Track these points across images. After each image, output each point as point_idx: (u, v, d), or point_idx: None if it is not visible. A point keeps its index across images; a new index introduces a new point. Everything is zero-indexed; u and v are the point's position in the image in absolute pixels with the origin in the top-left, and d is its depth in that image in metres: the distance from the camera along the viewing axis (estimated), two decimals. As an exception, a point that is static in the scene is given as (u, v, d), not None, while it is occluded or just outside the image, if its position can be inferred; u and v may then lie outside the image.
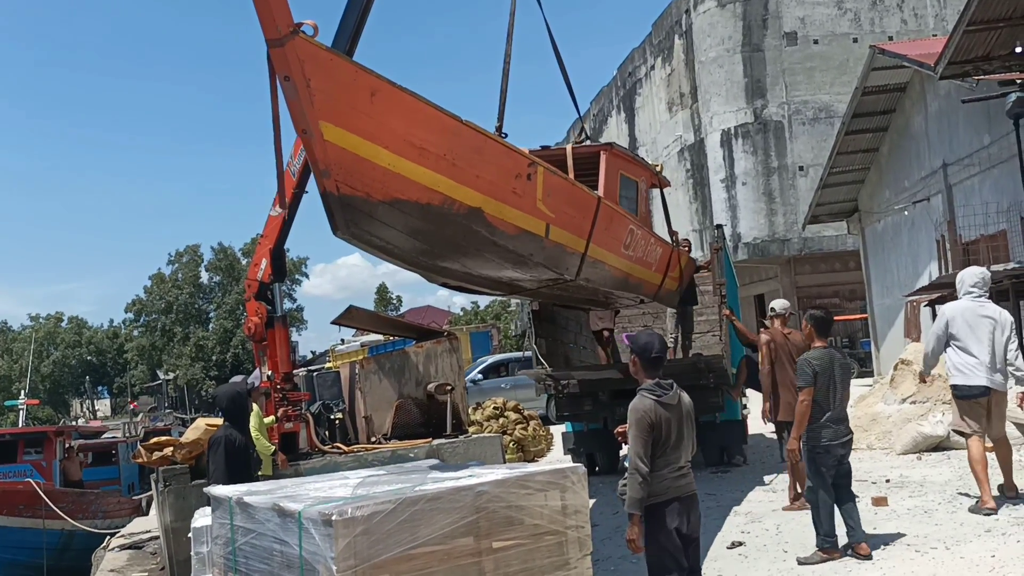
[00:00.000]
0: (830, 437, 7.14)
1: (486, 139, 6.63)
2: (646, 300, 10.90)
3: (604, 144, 9.74)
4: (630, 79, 42.55)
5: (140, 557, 10.74)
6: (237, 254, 75.19)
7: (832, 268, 33.30)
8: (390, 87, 5.70)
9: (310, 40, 5.17)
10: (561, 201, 7.47)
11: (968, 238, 20.04)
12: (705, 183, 34.73)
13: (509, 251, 6.96)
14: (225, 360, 72.48)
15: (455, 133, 6.23)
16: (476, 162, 6.39)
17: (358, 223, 5.75)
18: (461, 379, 11.50)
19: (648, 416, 5.12)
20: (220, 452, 6.84)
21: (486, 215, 6.48)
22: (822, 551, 7.11)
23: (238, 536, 4.88)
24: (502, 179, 6.69)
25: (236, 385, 8.15)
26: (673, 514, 5.17)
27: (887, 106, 23.26)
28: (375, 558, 4.17)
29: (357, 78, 5.50)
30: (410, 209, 5.95)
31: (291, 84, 5.14)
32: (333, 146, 5.37)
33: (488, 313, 65.92)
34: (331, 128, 5.32)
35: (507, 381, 22.73)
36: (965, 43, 15.26)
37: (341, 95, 5.36)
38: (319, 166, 5.42)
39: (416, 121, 5.89)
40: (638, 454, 5.08)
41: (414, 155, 5.84)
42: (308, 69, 5.14)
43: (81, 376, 79.56)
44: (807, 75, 32.66)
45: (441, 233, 6.37)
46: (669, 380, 5.28)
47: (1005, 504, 8.10)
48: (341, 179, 5.48)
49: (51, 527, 16.94)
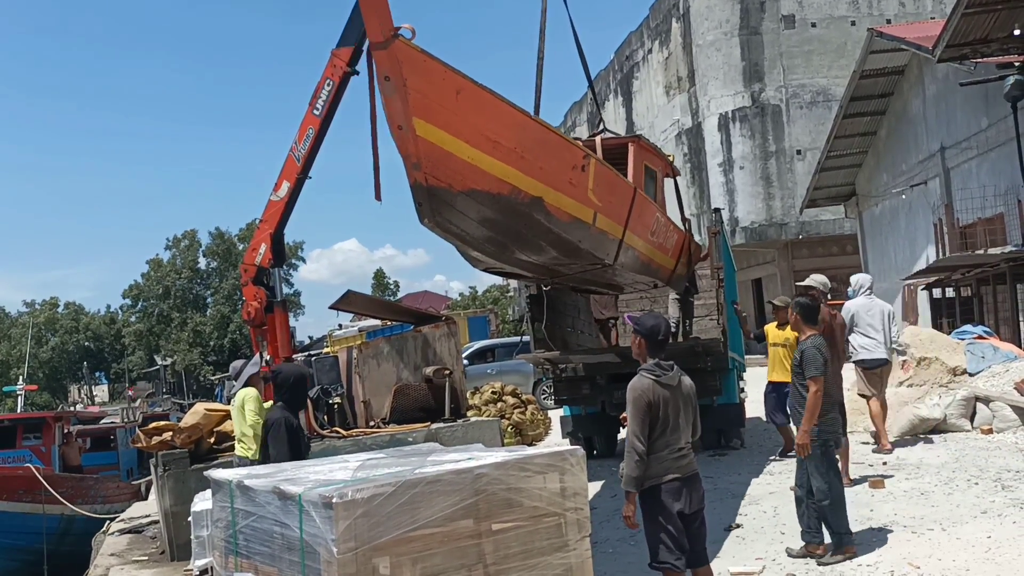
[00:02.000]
0: (838, 427, 7.01)
1: (549, 133, 7.12)
2: (659, 285, 11.18)
3: (632, 136, 10.36)
4: (627, 63, 42.44)
5: (140, 541, 10.78)
6: (234, 239, 75.08)
7: (830, 252, 33.31)
8: (472, 85, 6.12)
9: (408, 43, 5.56)
10: (606, 191, 7.87)
11: (965, 221, 20.07)
12: (702, 167, 34.70)
13: (561, 237, 7.33)
14: (223, 345, 72.52)
15: (524, 127, 6.67)
16: (540, 154, 6.80)
17: (441, 212, 6.17)
18: (459, 363, 11.51)
19: (646, 395, 5.19)
20: (282, 434, 6.70)
21: (546, 204, 6.85)
22: (843, 549, 6.73)
23: (239, 519, 4.89)
24: (561, 170, 7.08)
25: (300, 367, 8.07)
26: (674, 494, 5.21)
27: (885, 89, 23.24)
28: (375, 540, 4.18)
29: (446, 78, 5.89)
30: (483, 199, 6.35)
31: (391, 84, 5.56)
32: (424, 141, 5.75)
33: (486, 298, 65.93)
34: (423, 124, 5.71)
35: (494, 367, 22.64)
36: (963, 26, 15.23)
37: (432, 94, 5.77)
38: (411, 159, 5.80)
39: (493, 117, 6.32)
40: (635, 433, 5.16)
41: (489, 148, 6.24)
42: (406, 70, 5.55)
43: (79, 362, 79.57)
44: (805, 58, 32.59)
45: (506, 221, 6.77)
46: (670, 361, 5.32)
47: (877, 450, 10.72)
48: (429, 171, 5.87)
49: (51, 512, 17.00)
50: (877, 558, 6.62)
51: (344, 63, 9.79)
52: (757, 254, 34.85)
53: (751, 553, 7.15)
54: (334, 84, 9.83)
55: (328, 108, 9.84)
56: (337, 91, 9.86)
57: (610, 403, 11.56)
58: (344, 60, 9.80)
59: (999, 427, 11.30)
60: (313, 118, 9.89)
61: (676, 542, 5.23)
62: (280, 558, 4.55)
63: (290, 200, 9.87)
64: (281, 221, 9.87)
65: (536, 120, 6.98)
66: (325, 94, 9.83)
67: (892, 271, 24.33)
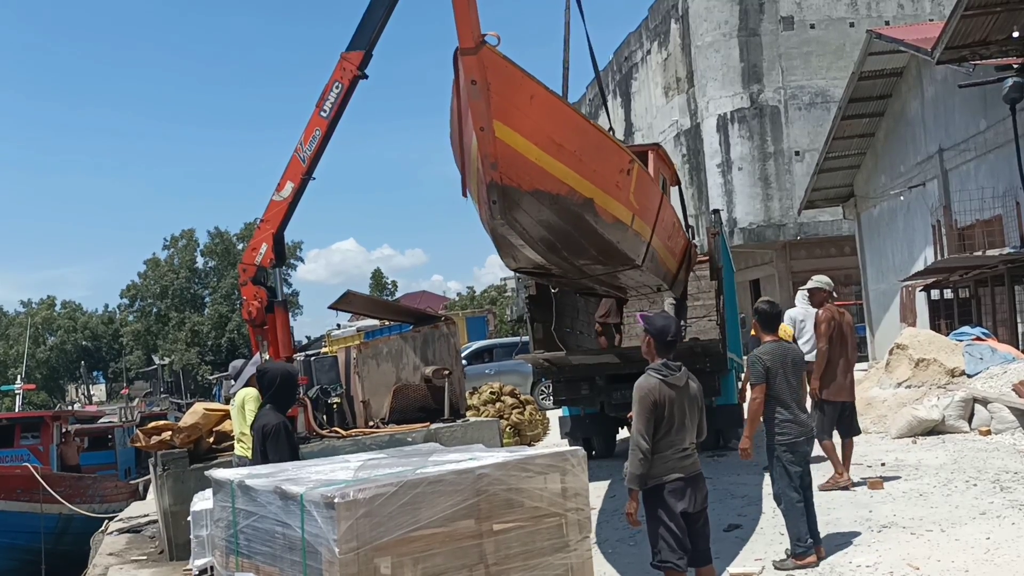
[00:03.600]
0: (795, 434, 6.86)
1: (604, 137, 7.47)
2: (662, 287, 11.33)
3: (652, 144, 11.16)
4: (626, 63, 42.44)
5: (139, 541, 10.77)
6: (233, 239, 75.02)
7: (828, 253, 33.32)
8: (544, 91, 6.44)
9: (493, 50, 5.82)
10: (643, 195, 8.23)
11: (963, 223, 20.09)
12: (701, 168, 34.71)
13: (603, 238, 7.67)
14: (221, 345, 72.47)
15: (584, 132, 7.05)
16: (595, 158, 7.15)
17: (511, 211, 6.50)
18: (458, 364, 11.53)
19: (652, 395, 5.24)
20: (283, 440, 6.64)
21: (596, 205, 7.15)
22: (796, 557, 6.73)
23: (240, 519, 4.90)
24: (611, 173, 7.43)
25: (287, 366, 8.01)
26: (677, 494, 5.25)
27: (883, 91, 23.25)
28: (377, 540, 4.20)
29: (523, 83, 6.19)
30: (545, 199, 6.65)
31: (477, 88, 5.83)
32: (501, 142, 6.06)
33: (484, 299, 65.96)
34: (501, 126, 6.02)
35: (492, 367, 22.63)
36: (962, 27, 15.25)
37: (512, 98, 6.07)
38: (490, 159, 6.11)
39: (559, 121, 6.67)
40: (640, 431, 5.21)
41: (555, 151, 6.54)
42: (491, 75, 5.84)
43: (77, 361, 79.47)
44: (803, 60, 32.62)
45: (560, 221, 7.10)
46: (678, 362, 5.38)
47: None
48: (504, 171, 6.18)
49: (48, 511, 16.97)
50: (876, 559, 6.63)
51: (355, 67, 9.89)
52: (755, 255, 34.87)
53: (750, 554, 7.16)
54: (343, 87, 9.92)
55: (336, 110, 9.93)
56: (346, 94, 9.94)
57: (609, 404, 11.57)
58: (355, 64, 9.90)
59: (997, 428, 11.33)
60: (320, 119, 9.96)
61: (679, 541, 5.25)
62: (281, 558, 4.56)
63: (293, 200, 9.93)
64: (283, 221, 9.91)
65: (594, 125, 7.43)
66: (333, 96, 9.91)
67: (890, 272, 24.35)
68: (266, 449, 6.74)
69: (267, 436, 6.72)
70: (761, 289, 35.91)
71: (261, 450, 6.82)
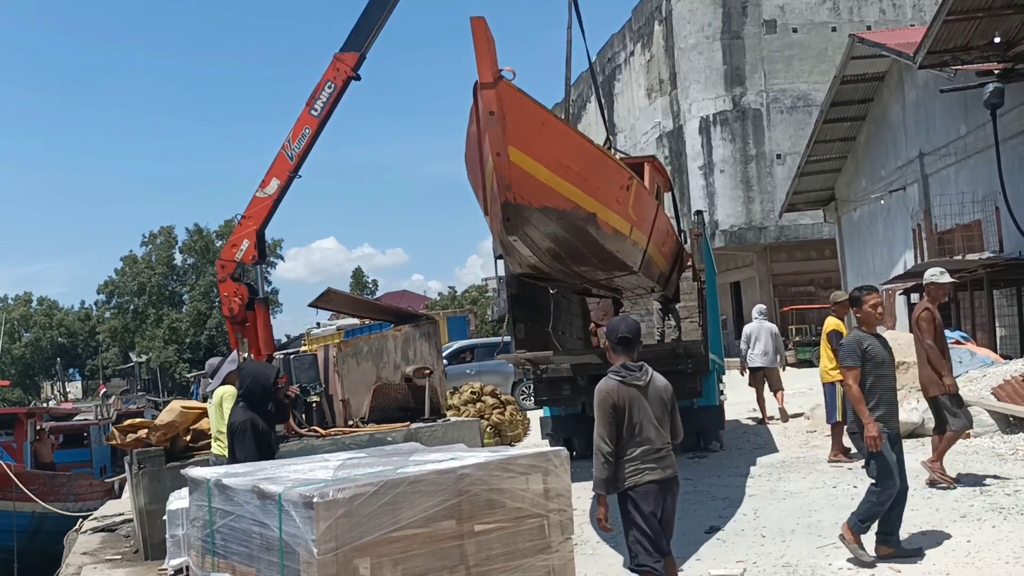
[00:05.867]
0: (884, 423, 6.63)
1: (606, 158, 8.29)
2: (656, 289, 12.01)
3: (648, 156, 12.41)
4: (609, 65, 42.49)
5: (113, 540, 10.63)
6: (212, 236, 74.46)
7: (808, 256, 33.50)
8: (553, 119, 7.29)
9: (510, 84, 6.53)
10: (640, 207, 8.97)
11: (943, 227, 20.21)
12: (683, 170, 34.79)
13: (604, 248, 8.40)
14: (199, 343, 71.90)
15: (588, 153, 7.81)
16: (598, 176, 7.90)
17: (521, 226, 7.15)
18: (439, 363, 11.46)
19: (610, 397, 5.28)
20: (248, 438, 6.69)
21: (598, 219, 7.84)
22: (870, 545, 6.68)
23: (216, 518, 4.81)
24: (612, 190, 8.19)
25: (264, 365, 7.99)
26: (650, 497, 5.20)
27: (865, 95, 23.36)
28: (356, 540, 4.13)
29: (535, 113, 6.93)
30: (552, 214, 7.33)
31: (494, 118, 6.49)
32: (515, 166, 6.71)
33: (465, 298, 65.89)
34: (516, 152, 6.68)
35: (472, 367, 22.56)
36: (944, 32, 15.31)
37: (525, 126, 6.75)
38: (505, 180, 6.72)
39: (566, 145, 7.46)
40: (600, 435, 5.23)
41: (561, 172, 7.24)
42: (507, 106, 6.51)
43: (52, 358, 78.70)
44: (786, 63, 32.78)
45: (566, 234, 7.83)
46: (640, 363, 5.38)
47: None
48: (517, 192, 6.81)
49: (22, 509, 16.76)
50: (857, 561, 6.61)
51: (349, 68, 9.97)
52: (736, 257, 34.99)
53: (732, 556, 7.13)
54: (336, 87, 9.99)
55: (328, 110, 10.01)
56: (339, 94, 9.99)
57: (591, 404, 11.51)
58: (349, 65, 9.97)
59: (976, 432, 11.36)
60: (310, 118, 10.01)
61: (654, 544, 5.23)
62: (258, 558, 4.48)
63: (278, 197, 9.91)
64: (267, 218, 9.88)
65: (596, 147, 8.17)
66: (325, 96, 9.99)
67: (870, 276, 24.46)
68: (234, 446, 6.68)
69: (234, 434, 6.67)
70: (742, 292, 36.05)
71: (230, 447, 6.76)
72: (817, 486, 9.43)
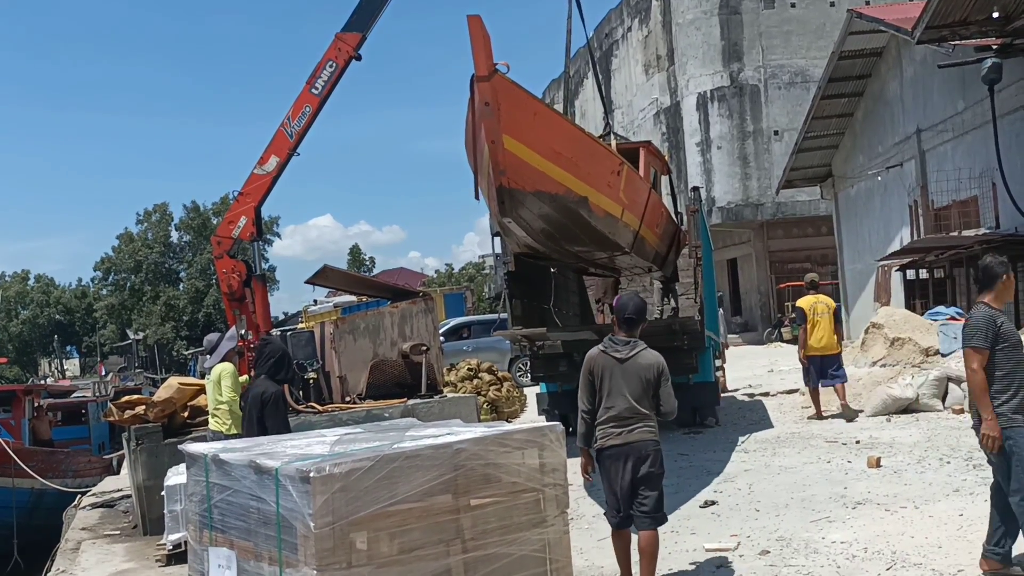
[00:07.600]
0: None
1: (596, 145, 8.78)
2: (653, 269, 12.41)
3: (643, 141, 12.50)
4: (607, 40, 42.24)
5: (112, 515, 10.69)
6: (209, 213, 74.21)
7: (805, 233, 33.47)
8: (545, 108, 7.88)
9: (504, 76, 6.88)
10: (632, 191, 9.42)
11: (940, 204, 20.21)
12: (680, 146, 34.68)
13: (596, 229, 8.90)
14: (196, 319, 71.86)
15: (579, 141, 8.31)
16: (589, 162, 8.36)
17: (515, 209, 7.57)
18: (436, 340, 11.48)
19: (588, 364, 5.78)
20: (282, 409, 7.09)
21: (590, 202, 8.30)
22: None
23: (214, 493, 4.83)
24: (603, 175, 8.64)
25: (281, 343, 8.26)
26: (613, 459, 5.67)
27: (863, 71, 23.27)
28: (353, 515, 4.15)
29: (527, 103, 7.34)
30: (545, 198, 7.79)
31: (489, 108, 6.87)
32: (509, 152, 7.12)
33: (462, 276, 65.87)
34: (510, 140, 7.08)
35: (469, 344, 22.62)
36: (943, 7, 15.22)
37: (518, 115, 7.14)
38: (499, 166, 7.11)
39: (558, 133, 7.94)
40: (579, 395, 5.80)
41: (553, 158, 7.69)
42: (501, 98, 6.90)
43: (50, 335, 78.66)
44: (784, 39, 32.59)
45: (559, 215, 8.25)
46: (630, 340, 5.72)
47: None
48: (511, 176, 7.22)
49: (20, 486, 16.79)
50: (851, 535, 6.68)
51: (351, 48, 10.01)
52: (733, 234, 34.96)
53: (726, 530, 7.19)
54: (338, 67, 10.06)
55: (329, 89, 10.07)
56: (340, 74, 10.05)
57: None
58: (351, 45, 10.03)
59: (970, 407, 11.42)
60: (311, 96, 10.07)
61: (613, 503, 5.76)
62: (256, 532, 4.50)
63: (277, 175, 9.94)
64: (264, 195, 9.90)
65: (588, 134, 8.69)
66: (327, 75, 10.05)
67: (867, 252, 24.48)
68: (264, 415, 6.79)
69: (266, 403, 6.85)
70: (739, 268, 36.06)
71: (258, 417, 6.85)
72: (811, 461, 9.50)
